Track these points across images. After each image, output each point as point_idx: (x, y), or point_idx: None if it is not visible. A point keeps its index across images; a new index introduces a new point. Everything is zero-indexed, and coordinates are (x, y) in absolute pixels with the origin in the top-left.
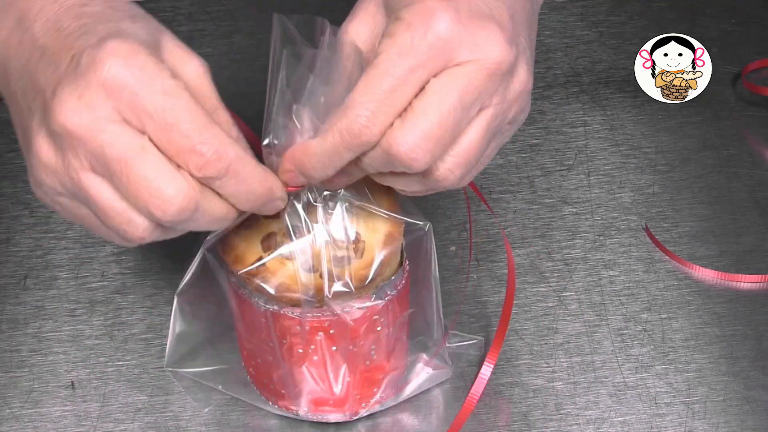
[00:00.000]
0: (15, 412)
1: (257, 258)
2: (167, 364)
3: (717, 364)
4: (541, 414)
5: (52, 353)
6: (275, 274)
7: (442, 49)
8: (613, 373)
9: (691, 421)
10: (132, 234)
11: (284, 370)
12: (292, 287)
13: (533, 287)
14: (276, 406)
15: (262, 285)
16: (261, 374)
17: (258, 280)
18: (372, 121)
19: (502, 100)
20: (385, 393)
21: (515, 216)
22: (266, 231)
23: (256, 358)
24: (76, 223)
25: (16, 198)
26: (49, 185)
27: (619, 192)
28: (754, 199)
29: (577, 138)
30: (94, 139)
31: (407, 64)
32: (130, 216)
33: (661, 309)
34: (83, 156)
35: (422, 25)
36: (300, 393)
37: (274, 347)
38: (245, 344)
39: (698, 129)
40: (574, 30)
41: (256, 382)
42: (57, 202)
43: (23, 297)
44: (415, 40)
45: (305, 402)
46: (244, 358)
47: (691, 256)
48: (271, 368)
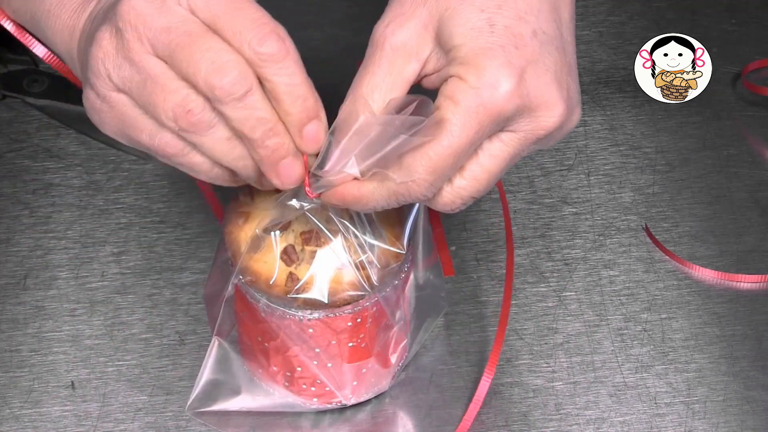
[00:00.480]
0: (15, 412)
1: (288, 274)
2: (190, 408)
3: (717, 364)
4: (541, 414)
5: (52, 353)
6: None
7: (501, 119)
8: (613, 373)
9: (691, 421)
10: (181, 109)
11: (332, 368)
12: (338, 289)
13: (533, 287)
14: (317, 405)
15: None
16: (297, 382)
17: (305, 295)
18: (431, 190)
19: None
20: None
21: (515, 216)
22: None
23: (293, 369)
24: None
25: (16, 198)
26: (104, 76)
27: (619, 192)
28: (754, 199)
29: (577, 138)
30: (160, 17)
31: (471, 136)
32: (184, 92)
33: (661, 309)
34: (146, 38)
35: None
36: (347, 382)
37: (321, 352)
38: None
39: (698, 129)
40: None
41: (293, 390)
42: (106, 97)
43: (23, 297)
44: (479, 109)
45: (350, 390)
46: (271, 374)
47: (691, 256)
48: (312, 373)
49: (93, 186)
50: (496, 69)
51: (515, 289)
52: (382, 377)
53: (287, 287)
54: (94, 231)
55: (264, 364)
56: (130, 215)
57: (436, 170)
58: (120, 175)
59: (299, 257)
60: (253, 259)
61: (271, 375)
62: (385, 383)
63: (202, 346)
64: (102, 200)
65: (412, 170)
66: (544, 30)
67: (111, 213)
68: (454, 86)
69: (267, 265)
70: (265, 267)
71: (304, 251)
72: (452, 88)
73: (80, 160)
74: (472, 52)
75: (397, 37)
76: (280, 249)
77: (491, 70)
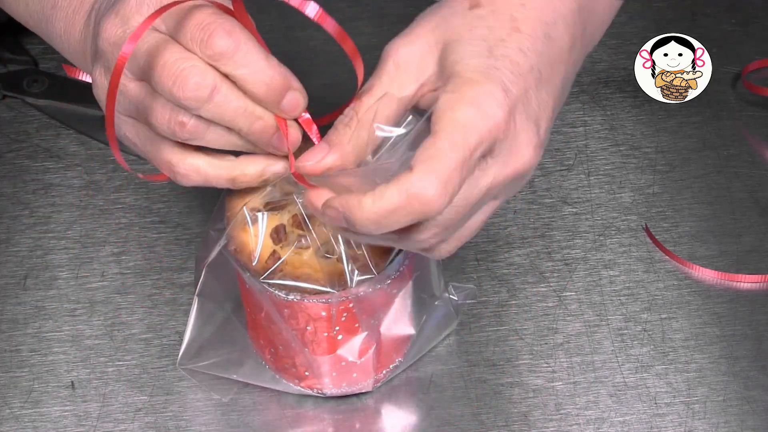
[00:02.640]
0: (15, 412)
1: (271, 252)
2: (180, 363)
3: (717, 364)
4: (541, 414)
5: (52, 353)
6: (296, 267)
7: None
8: (613, 373)
9: (691, 421)
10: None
11: (308, 354)
12: (314, 276)
13: (533, 287)
14: (300, 387)
15: (285, 280)
16: (281, 360)
17: (280, 275)
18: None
19: (510, 192)
20: (403, 356)
21: (515, 216)
22: (273, 224)
23: (276, 346)
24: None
25: (16, 198)
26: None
27: (619, 192)
28: (754, 199)
29: (577, 138)
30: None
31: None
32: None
33: (661, 309)
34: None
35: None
36: (324, 373)
37: (297, 334)
38: (261, 333)
39: (698, 129)
40: None
41: (276, 367)
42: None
43: (23, 297)
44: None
45: (330, 380)
46: (260, 346)
47: (691, 256)
48: (293, 353)
49: (93, 186)
50: (493, 91)
51: (515, 289)
52: (364, 375)
53: (267, 264)
54: (94, 231)
55: (254, 336)
56: (130, 215)
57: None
58: (120, 175)
59: (288, 238)
60: (243, 229)
61: (260, 348)
62: (368, 383)
63: None
64: (102, 200)
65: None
66: (541, 70)
67: (111, 213)
68: (450, 98)
69: (254, 239)
70: (251, 240)
71: (293, 233)
72: (448, 101)
73: (80, 160)
74: (470, 70)
75: (402, 55)
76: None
77: (487, 90)
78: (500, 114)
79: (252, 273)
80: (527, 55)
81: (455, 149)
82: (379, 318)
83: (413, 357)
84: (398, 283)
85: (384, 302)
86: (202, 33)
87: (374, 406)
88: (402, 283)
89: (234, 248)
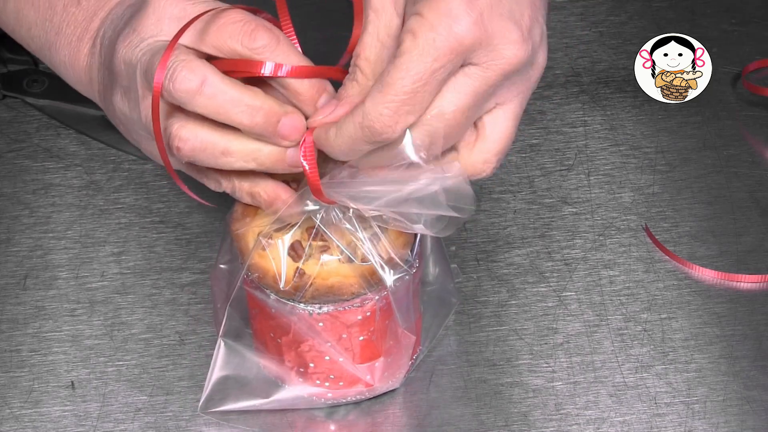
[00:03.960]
0: (15, 412)
1: (295, 270)
2: (202, 409)
3: (717, 364)
4: (541, 414)
5: (52, 353)
6: (325, 278)
7: (461, 50)
8: (613, 373)
9: (691, 421)
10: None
11: (344, 362)
12: (347, 283)
13: (533, 287)
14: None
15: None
16: (312, 378)
17: (311, 290)
18: (393, 120)
19: (524, 89)
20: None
21: (515, 216)
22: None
23: (305, 365)
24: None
25: (16, 198)
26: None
27: (619, 192)
28: (754, 199)
29: (577, 138)
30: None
31: (429, 66)
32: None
33: (661, 309)
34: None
35: (444, 27)
36: (360, 377)
37: (332, 346)
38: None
39: (698, 129)
40: (574, 30)
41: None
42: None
43: (23, 297)
44: (437, 41)
45: (363, 384)
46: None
47: (691, 256)
48: (328, 368)
49: (93, 186)
50: (452, 2)
51: (515, 289)
52: (396, 371)
53: (295, 283)
54: (94, 231)
55: (278, 360)
56: (130, 215)
57: (396, 101)
58: (120, 175)
59: (306, 253)
60: (260, 256)
61: (285, 371)
62: (399, 377)
63: (202, 346)
64: (102, 200)
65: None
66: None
67: (111, 213)
68: (414, 21)
69: (274, 262)
70: (272, 264)
71: (311, 246)
72: (412, 23)
73: (80, 160)
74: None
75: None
76: (287, 246)
77: (446, 4)
78: (465, 24)
79: (281, 296)
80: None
81: (409, 75)
82: (408, 308)
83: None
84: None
85: (410, 291)
86: (245, 28)
87: (374, 406)
88: (416, 275)
89: (257, 275)
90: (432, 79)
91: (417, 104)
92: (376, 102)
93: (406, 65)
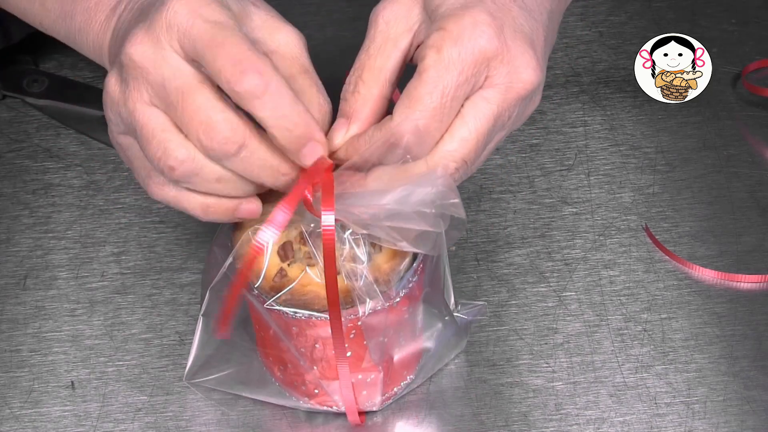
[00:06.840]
0: (15, 412)
1: (278, 269)
2: (187, 378)
3: (717, 364)
4: (541, 414)
5: (52, 353)
6: (304, 284)
7: (484, 65)
8: (613, 373)
9: (691, 421)
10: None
11: (317, 371)
12: (321, 294)
13: (533, 287)
14: (309, 404)
15: (292, 296)
16: (291, 377)
17: (288, 293)
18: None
19: (516, 120)
20: (414, 374)
21: (515, 216)
22: (280, 241)
23: (285, 364)
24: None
25: (16, 198)
26: (113, 121)
27: (619, 192)
28: (754, 199)
29: (577, 138)
30: (156, 70)
31: (455, 80)
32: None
33: (661, 309)
34: (145, 90)
35: (468, 40)
36: (334, 390)
37: (306, 352)
38: (271, 350)
39: (698, 129)
40: (574, 30)
41: (285, 384)
42: (117, 141)
43: (23, 297)
44: (462, 54)
45: (339, 397)
46: (269, 363)
47: (691, 256)
48: (302, 371)
49: (93, 186)
50: (476, 16)
51: (515, 289)
52: (373, 394)
53: (274, 282)
54: (94, 231)
55: (264, 353)
56: (130, 215)
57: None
58: (120, 175)
59: (295, 256)
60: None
61: (269, 365)
62: (377, 401)
63: None
64: (102, 200)
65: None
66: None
67: (111, 213)
68: (437, 36)
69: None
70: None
71: (300, 250)
72: (435, 38)
73: (80, 160)
74: (452, 6)
75: (389, 12)
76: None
77: (471, 18)
78: (486, 37)
79: (259, 292)
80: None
81: (435, 92)
82: (389, 335)
83: (425, 375)
84: (407, 300)
85: (393, 319)
86: (234, 69)
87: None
88: (411, 300)
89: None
90: (458, 92)
91: (444, 120)
92: (402, 119)
93: (434, 81)
